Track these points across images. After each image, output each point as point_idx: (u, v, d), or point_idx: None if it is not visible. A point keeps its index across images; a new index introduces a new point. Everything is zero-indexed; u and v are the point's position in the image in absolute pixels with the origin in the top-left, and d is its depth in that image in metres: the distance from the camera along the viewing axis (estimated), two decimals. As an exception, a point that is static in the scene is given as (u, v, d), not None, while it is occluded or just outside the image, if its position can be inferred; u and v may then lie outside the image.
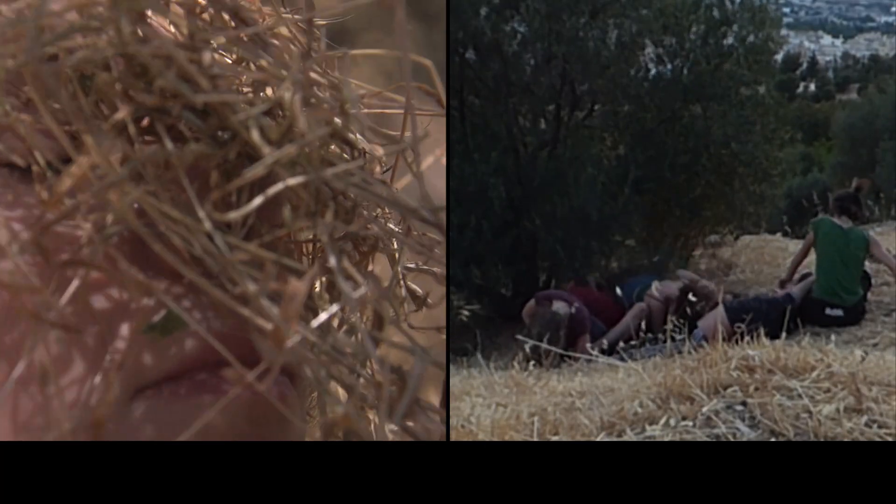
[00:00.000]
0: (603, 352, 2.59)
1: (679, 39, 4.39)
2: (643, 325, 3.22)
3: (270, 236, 0.57)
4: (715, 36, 4.36)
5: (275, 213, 0.56)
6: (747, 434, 1.59)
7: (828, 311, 3.17)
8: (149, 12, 0.56)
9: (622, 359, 2.28)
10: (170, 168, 0.55)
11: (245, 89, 0.58)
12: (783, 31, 4.63)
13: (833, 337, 2.20)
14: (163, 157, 0.54)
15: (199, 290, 0.55)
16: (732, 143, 4.38)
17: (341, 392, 0.56)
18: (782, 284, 3.53)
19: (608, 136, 4.80)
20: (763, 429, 1.60)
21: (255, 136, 0.54)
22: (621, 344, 2.97)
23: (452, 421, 1.84)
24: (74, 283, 0.55)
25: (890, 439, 1.53)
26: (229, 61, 0.60)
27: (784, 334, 2.04)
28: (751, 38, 4.36)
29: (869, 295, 3.33)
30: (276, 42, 0.61)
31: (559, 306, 3.31)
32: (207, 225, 0.53)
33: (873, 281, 3.42)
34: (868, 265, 3.38)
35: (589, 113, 4.62)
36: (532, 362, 2.70)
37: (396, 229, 0.63)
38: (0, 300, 0.56)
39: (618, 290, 3.62)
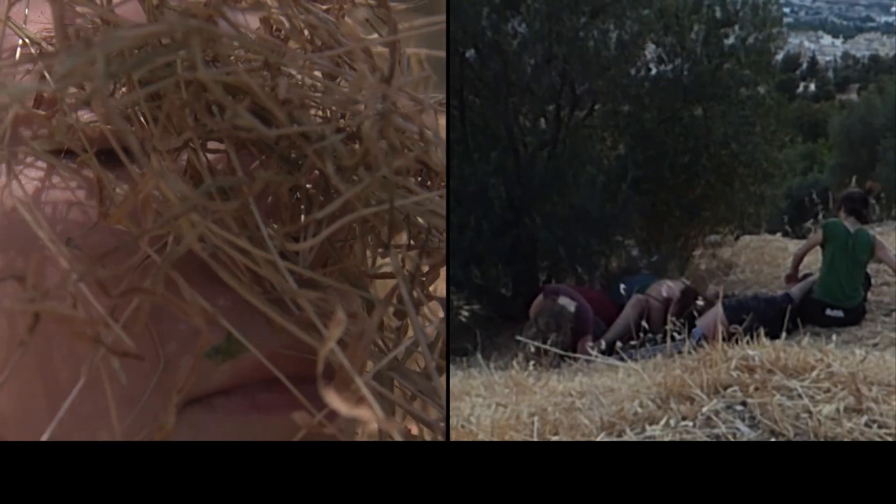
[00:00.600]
0: (602, 352, 2.59)
1: (680, 39, 4.38)
2: (643, 324, 3.23)
3: (340, 266, 0.55)
4: (716, 36, 4.35)
5: (344, 230, 0.55)
6: (747, 434, 1.58)
7: (828, 311, 3.16)
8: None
9: (622, 359, 2.28)
10: (239, 193, 0.53)
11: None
12: (783, 31, 4.62)
13: (833, 337, 2.20)
14: (233, 184, 0.53)
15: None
16: (732, 143, 4.38)
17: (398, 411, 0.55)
18: (788, 279, 3.53)
19: (608, 136, 4.79)
20: (763, 429, 1.60)
21: (330, 168, 0.52)
22: (619, 344, 2.98)
23: (452, 421, 1.84)
24: (132, 308, 0.54)
25: (890, 439, 1.53)
26: (307, 79, 0.57)
27: (784, 334, 2.04)
28: (752, 38, 4.36)
29: (869, 295, 3.33)
30: (356, 64, 0.58)
31: (566, 301, 3.35)
32: (276, 258, 0.52)
33: (873, 281, 3.41)
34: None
35: (589, 113, 4.62)
36: (532, 362, 2.70)
37: None
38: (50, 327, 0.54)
39: (621, 287, 3.63)
